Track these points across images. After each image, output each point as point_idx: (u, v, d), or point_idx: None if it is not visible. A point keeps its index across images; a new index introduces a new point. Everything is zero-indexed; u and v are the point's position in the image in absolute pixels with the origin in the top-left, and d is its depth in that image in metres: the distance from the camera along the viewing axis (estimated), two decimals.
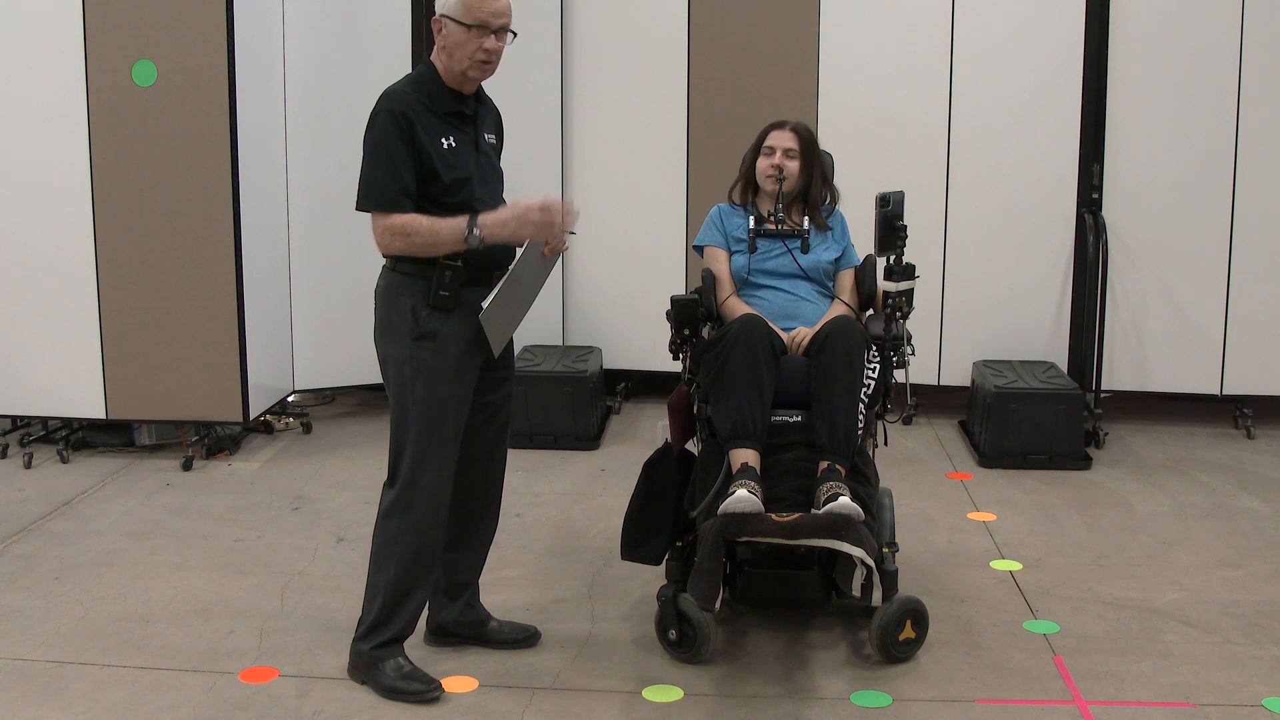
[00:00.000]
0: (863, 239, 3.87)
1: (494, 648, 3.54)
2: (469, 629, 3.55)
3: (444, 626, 3.55)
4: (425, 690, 3.28)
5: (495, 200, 3.35)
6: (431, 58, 3.26)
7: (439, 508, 3.30)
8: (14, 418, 5.60)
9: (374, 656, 3.31)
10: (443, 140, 3.18)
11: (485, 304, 3.21)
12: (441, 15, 3.18)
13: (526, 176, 6.14)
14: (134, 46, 5.01)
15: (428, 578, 3.35)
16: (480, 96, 3.35)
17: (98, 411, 5.27)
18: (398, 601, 3.31)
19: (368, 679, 3.33)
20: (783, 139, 3.84)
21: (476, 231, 3.14)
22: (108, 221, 5.12)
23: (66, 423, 5.47)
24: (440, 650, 3.54)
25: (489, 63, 3.25)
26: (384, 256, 3.26)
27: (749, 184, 3.93)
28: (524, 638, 3.58)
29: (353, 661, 3.37)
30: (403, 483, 3.26)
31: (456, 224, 3.14)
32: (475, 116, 3.31)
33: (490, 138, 3.38)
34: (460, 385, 3.28)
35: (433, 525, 3.30)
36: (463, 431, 3.32)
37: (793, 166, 3.82)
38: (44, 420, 5.54)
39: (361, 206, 3.16)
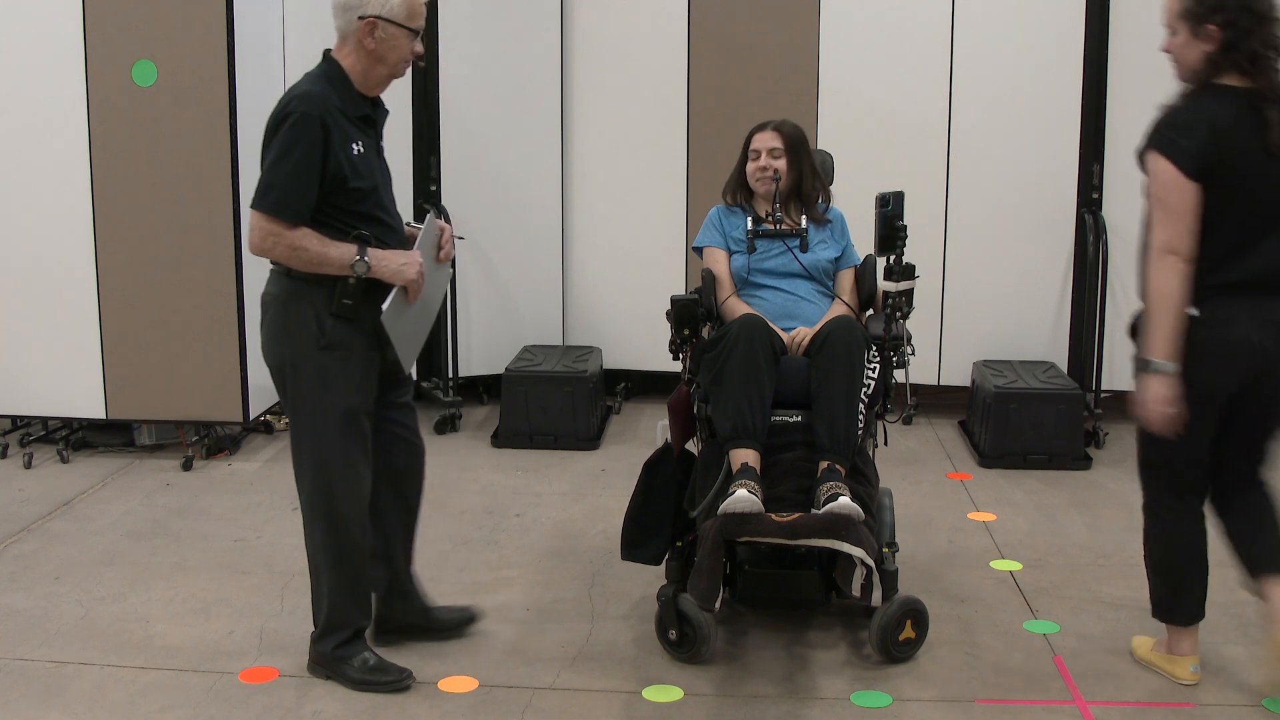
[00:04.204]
0: (863, 239, 3.87)
1: (438, 638, 3.52)
2: (413, 616, 3.54)
3: (387, 620, 3.54)
4: (396, 680, 3.30)
5: (393, 204, 3.32)
6: (337, 56, 3.18)
7: (361, 509, 3.30)
8: (14, 418, 5.60)
9: (337, 655, 3.32)
10: (353, 146, 3.13)
11: (385, 306, 3.15)
12: (378, 18, 3.10)
13: (527, 176, 6.16)
14: (134, 46, 5.00)
15: (364, 571, 3.35)
16: (377, 99, 3.31)
17: (98, 411, 5.27)
18: (343, 602, 3.31)
19: (334, 675, 3.34)
20: (766, 140, 3.84)
21: (365, 259, 3.10)
22: (108, 221, 5.12)
23: (66, 423, 5.47)
24: (440, 651, 3.54)
25: (411, 64, 3.24)
26: (271, 262, 3.21)
27: (740, 187, 3.93)
28: (465, 619, 3.60)
29: (314, 659, 3.38)
30: (321, 492, 3.25)
31: (346, 251, 3.10)
32: (376, 120, 3.27)
33: (382, 141, 3.36)
34: (365, 396, 3.26)
35: (359, 527, 3.30)
36: (369, 435, 3.31)
37: (779, 165, 3.82)
38: (44, 420, 5.54)
39: (259, 207, 3.07)
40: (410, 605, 3.57)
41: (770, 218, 3.80)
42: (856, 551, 3.22)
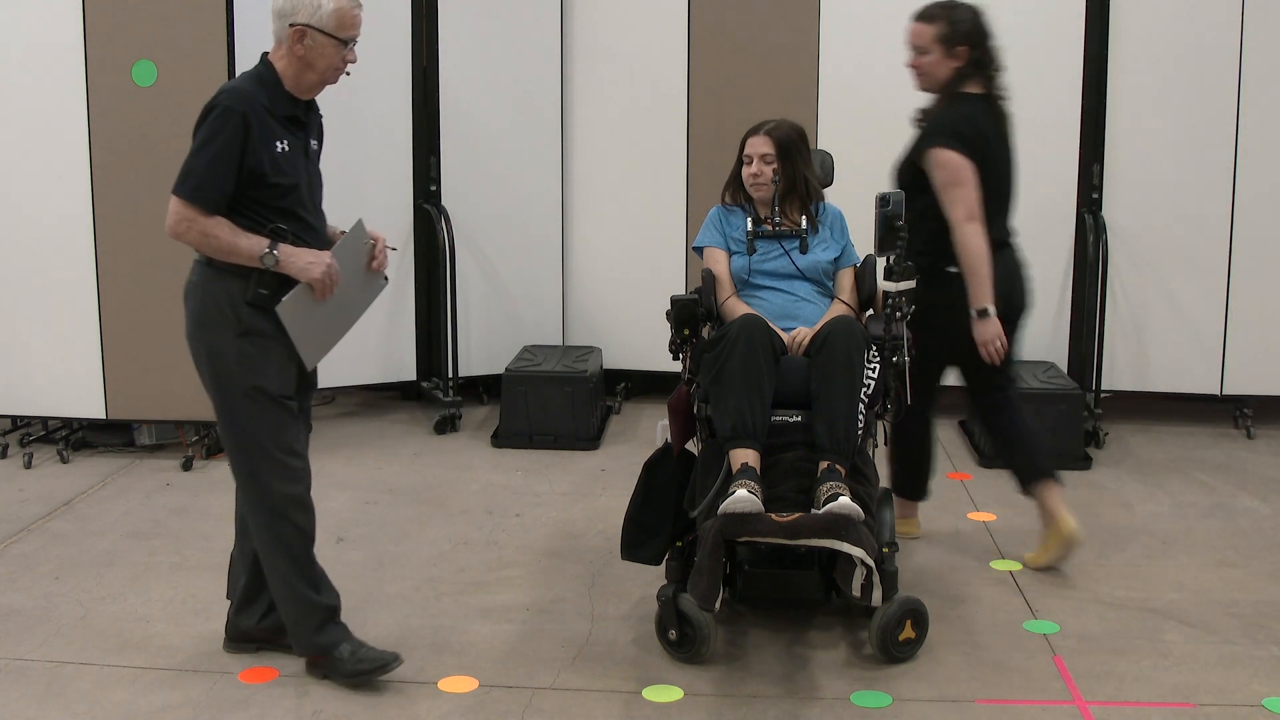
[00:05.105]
0: (863, 239, 3.87)
1: (295, 653, 3.47)
2: (268, 635, 3.51)
3: (244, 633, 3.52)
4: (383, 664, 3.30)
5: (318, 206, 3.36)
6: (272, 59, 3.24)
7: (302, 488, 3.30)
8: (14, 418, 5.60)
9: (323, 646, 3.32)
10: (277, 144, 3.18)
11: (285, 298, 3.17)
12: (306, 26, 3.15)
13: (527, 176, 6.16)
14: (134, 46, 5.00)
15: (310, 552, 3.35)
16: (310, 102, 3.34)
17: (98, 411, 5.27)
18: (301, 588, 3.31)
19: (328, 673, 3.33)
20: (758, 145, 3.83)
21: (275, 253, 3.13)
22: (108, 221, 5.12)
23: (66, 423, 5.47)
24: (440, 651, 3.54)
25: (343, 72, 3.27)
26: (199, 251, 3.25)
27: (739, 187, 3.93)
28: None
29: (308, 660, 3.37)
30: (258, 476, 3.25)
31: (256, 243, 3.14)
32: (306, 122, 3.31)
33: (315, 143, 3.37)
34: (290, 378, 3.28)
35: (301, 506, 3.30)
36: (298, 423, 3.32)
37: (769, 172, 3.80)
38: (44, 420, 5.54)
39: (177, 192, 3.15)
40: (275, 622, 3.49)
41: (769, 220, 3.80)
42: (856, 551, 3.22)
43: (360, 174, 5.74)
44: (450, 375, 5.95)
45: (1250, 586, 4.02)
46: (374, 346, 5.97)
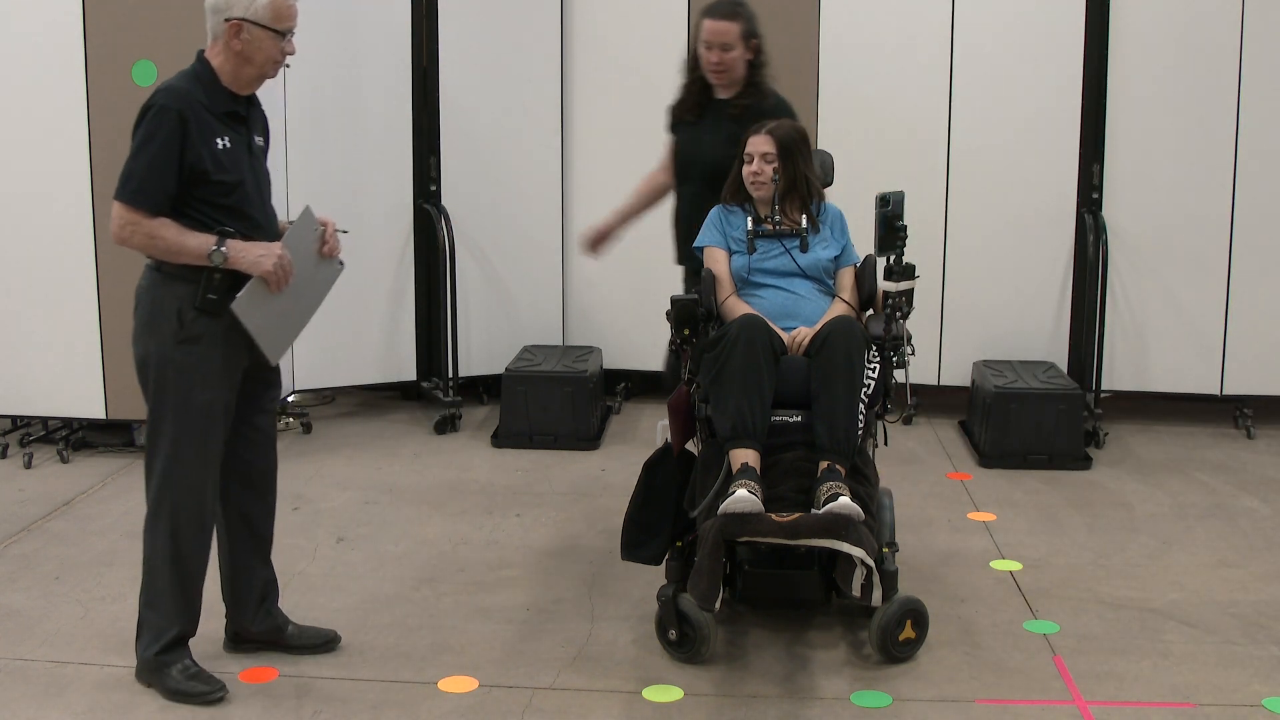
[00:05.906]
0: (863, 239, 3.87)
1: (295, 653, 3.49)
2: (267, 635, 3.51)
3: (241, 634, 3.52)
4: (209, 691, 3.25)
5: (266, 203, 3.33)
6: (208, 55, 3.22)
7: (204, 509, 3.28)
8: (14, 418, 5.60)
9: (161, 661, 3.29)
10: (218, 141, 3.16)
11: (240, 294, 3.15)
12: (243, 20, 3.14)
13: (527, 177, 6.16)
14: (134, 46, 5.00)
15: (201, 576, 3.34)
16: (251, 98, 3.32)
17: (98, 411, 5.27)
18: (175, 605, 3.29)
19: (154, 682, 3.30)
20: (759, 144, 3.82)
21: (223, 249, 3.11)
22: (107, 221, 5.09)
23: (66, 423, 5.47)
24: (440, 651, 3.54)
25: (282, 64, 3.26)
26: (147, 256, 3.24)
27: (740, 187, 3.93)
28: (322, 643, 3.54)
29: (140, 666, 3.35)
30: (162, 487, 3.24)
31: (204, 241, 3.12)
32: (248, 118, 3.28)
33: (259, 140, 3.35)
34: (223, 390, 3.25)
35: (199, 526, 3.29)
36: (225, 433, 3.29)
37: (769, 171, 3.80)
38: (44, 420, 5.53)
39: (119, 196, 3.13)
40: (273, 624, 3.52)
41: (770, 219, 3.80)
42: (856, 551, 3.22)
43: (360, 174, 5.74)
44: (450, 375, 5.95)
45: (1250, 586, 4.02)
46: (374, 346, 5.98)
